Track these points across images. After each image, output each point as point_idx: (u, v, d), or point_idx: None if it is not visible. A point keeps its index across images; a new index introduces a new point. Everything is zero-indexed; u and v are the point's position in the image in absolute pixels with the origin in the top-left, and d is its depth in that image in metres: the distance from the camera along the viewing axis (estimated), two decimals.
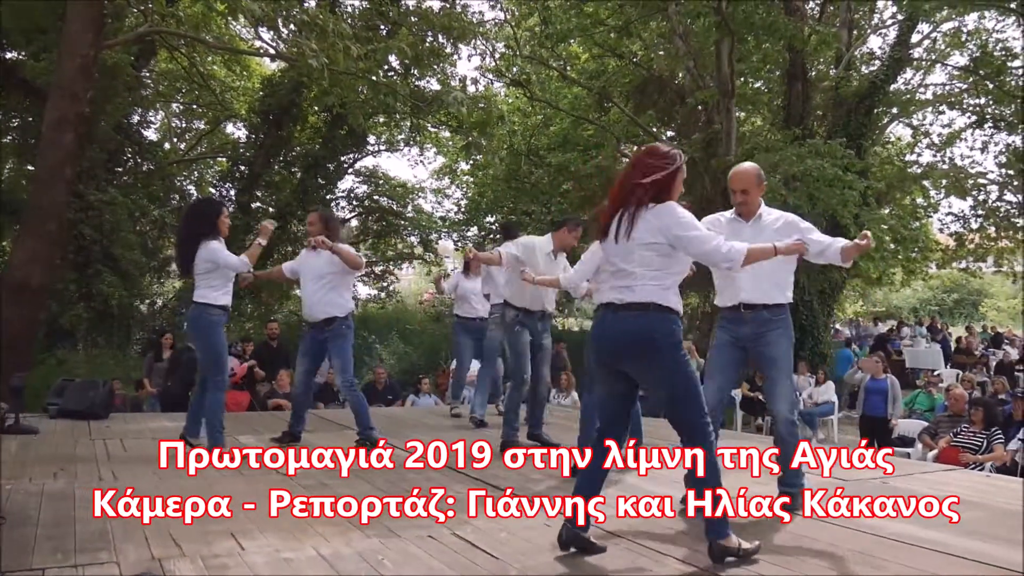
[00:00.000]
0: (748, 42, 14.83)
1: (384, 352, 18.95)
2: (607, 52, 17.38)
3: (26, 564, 2.97)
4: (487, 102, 13.97)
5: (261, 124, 17.76)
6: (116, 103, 13.78)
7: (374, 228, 22.21)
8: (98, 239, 13.28)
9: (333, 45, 9.47)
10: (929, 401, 10.99)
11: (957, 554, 3.29)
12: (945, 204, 21.04)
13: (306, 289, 5.76)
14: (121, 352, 13.95)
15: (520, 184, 19.33)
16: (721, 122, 15.42)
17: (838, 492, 3.84)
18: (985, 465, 7.12)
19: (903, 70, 17.88)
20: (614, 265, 3.24)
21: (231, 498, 3.52)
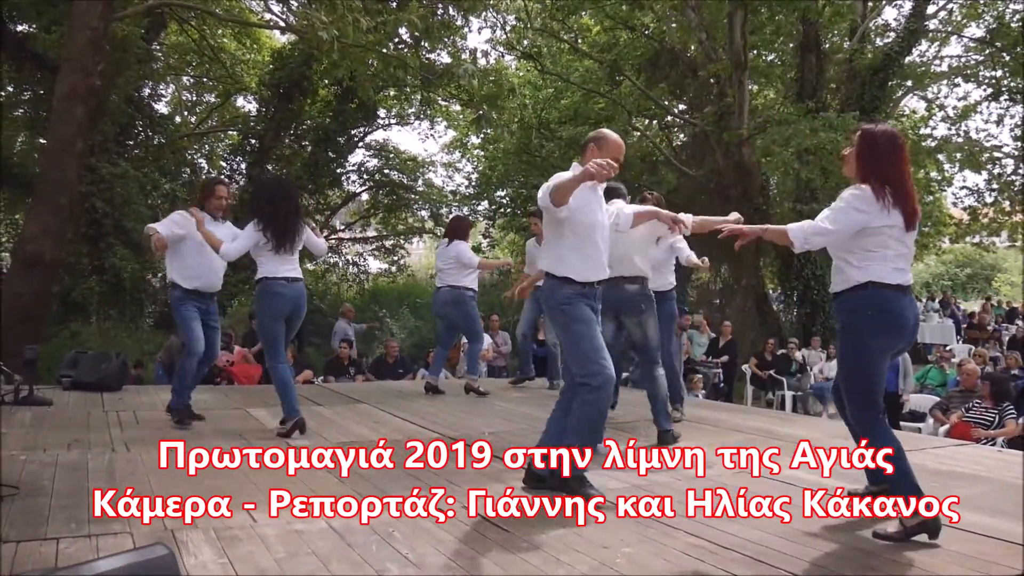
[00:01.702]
0: (761, 13, 14.68)
1: (395, 326, 19.02)
2: (618, 24, 17.20)
3: (40, 533, 3.00)
4: (498, 75, 13.88)
5: (271, 97, 17.72)
6: (127, 76, 13.75)
7: (384, 202, 22.21)
8: (110, 212, 13.31)
9: (343, 17, 9.42)
10: (941, 376, 10.96)
11: (968, 529, 3.30)
12: (959, 178, 20.90)
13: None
14: (134, 325, 14.03)
15: (531, 158, 19.26)
16: (734, 95, 15.31)
17: (838, 492, 3.83)
18: (997, 440, 7.11)
19: (918, 42, 17.66)
20: (905, 246, 3.28)
21: (231, 498, 3.55)
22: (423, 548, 3.00)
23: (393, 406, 6.69)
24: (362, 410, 6.59)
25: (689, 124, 18.77)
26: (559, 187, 3.58)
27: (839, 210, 3.18)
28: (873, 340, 3.20)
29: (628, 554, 2.99)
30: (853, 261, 3.22)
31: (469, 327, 7.65)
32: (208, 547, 2.92)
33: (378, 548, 2.98)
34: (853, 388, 3.28)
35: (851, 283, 3.23)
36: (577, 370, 3.78)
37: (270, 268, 5.24)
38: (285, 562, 2.81)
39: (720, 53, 15.97)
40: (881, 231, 3.17)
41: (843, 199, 3.21)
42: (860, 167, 3.26)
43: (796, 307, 16.79)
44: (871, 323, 3.19)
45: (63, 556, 2.79)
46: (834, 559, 2.98)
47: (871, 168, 3.22)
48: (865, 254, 3.19)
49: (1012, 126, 18.86)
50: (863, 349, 3.21)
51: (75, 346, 9.70)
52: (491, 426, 5.81)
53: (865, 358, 3.21)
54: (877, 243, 3.18)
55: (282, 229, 5.20)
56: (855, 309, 3.23)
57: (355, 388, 8.63)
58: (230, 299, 15.47)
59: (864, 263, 3.20)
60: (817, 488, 3.96)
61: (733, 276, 18.23)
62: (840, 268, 3.30)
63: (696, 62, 17.29)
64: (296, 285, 5.32)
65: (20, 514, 3.24)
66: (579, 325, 3.75)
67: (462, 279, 7.39)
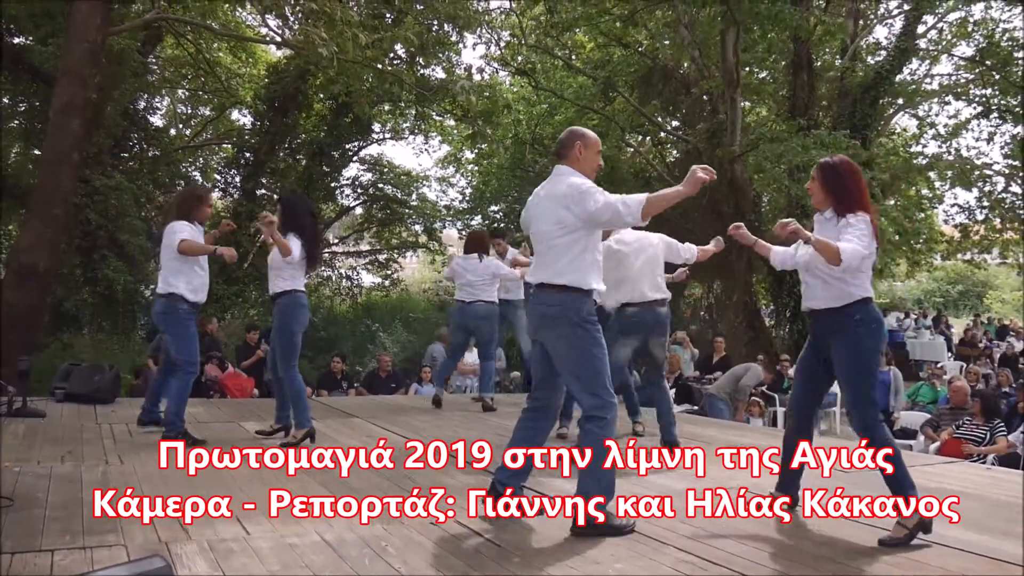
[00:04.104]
0: (754, 32, 14.79)
1: (387, 340, 19.01)
2: (612, 41, 17.32)
3: (35, 545, 3.02)
4: (493, 90, 13.96)
5: (266, 111, 17.78)
6: (123, 89, 13.81)
7: (378, 216, 22.24)
8: (104, 224, 13.31)
9: (341, 33, 9.48)
10: (932, 393, 11.00)
11: (955, 546, 3.32)
12: (950, 195, 21.06)
13: None
14: (126, 337, 14.00)
15: (524, 173, 19.34)
16: (726, 112, 15.42)
17: (838, 492, 3.87)
18: (987, 457, 7.15)
19: (909, 60, 17.79)
20: None
21: (230, 498, 3.57)
22: (416, 562, 3.02)
23: (387, 420, 6.70)
24: (355, 424, 6.61)
25: (682, 141, 18.88)
26: (660, 201, 3.41)
27: (864, 233, 3.39)
28: (880, 346, 3.54)
29: (620, 569, 3.01)
30: (849, 278, 3.45)
31: (491, 343, 7.70)
32: (202, 559, 2.94)
33: (371, 562, 3.00)
34: (861, 391, 3.49)
35: (853, 298, 3.48)
36: (589, 401, 3.51)
37: (299, 281, 5.42)
38: (279, 575, 2.83)
39: (713, 71, 16.09)
40: (873, 253, 3.46)
41: (858, 225, 3.41)
42: (836, 197, 3.55)
43: (788, 323, 16.85)
44: (876, 332, 3.50)
45: (58, 568, 2.80)
46: (833, 551, 3.04)
47: (850, 196, 3.50)
48: (859, 273, 3.45)
49: (1002, 144, 19.02)
50: (874, 355, 3.50)
51: (67, 358, 9.70)
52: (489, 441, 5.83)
53: (875, 363, 3.53)
54: (869, 263, 3.46)
55: (315, 244, 5.43)
56: (864, 321, 3.47)
57: (348, 402, 8.64)
58: (223, 312, 15.46)
59: (859, 280, 3.49)
60: (817, 488, 4.00)
61: (725, 292, 18.30)
62: (830, 284, 3.51)
63: (689, 79, 17.42)
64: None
65: (15, 526, 3.25)
66: (600, 350, 3.53)
67: (495, 294, 7.51)
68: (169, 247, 5.37)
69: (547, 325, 3.59)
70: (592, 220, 3.49)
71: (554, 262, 3.57)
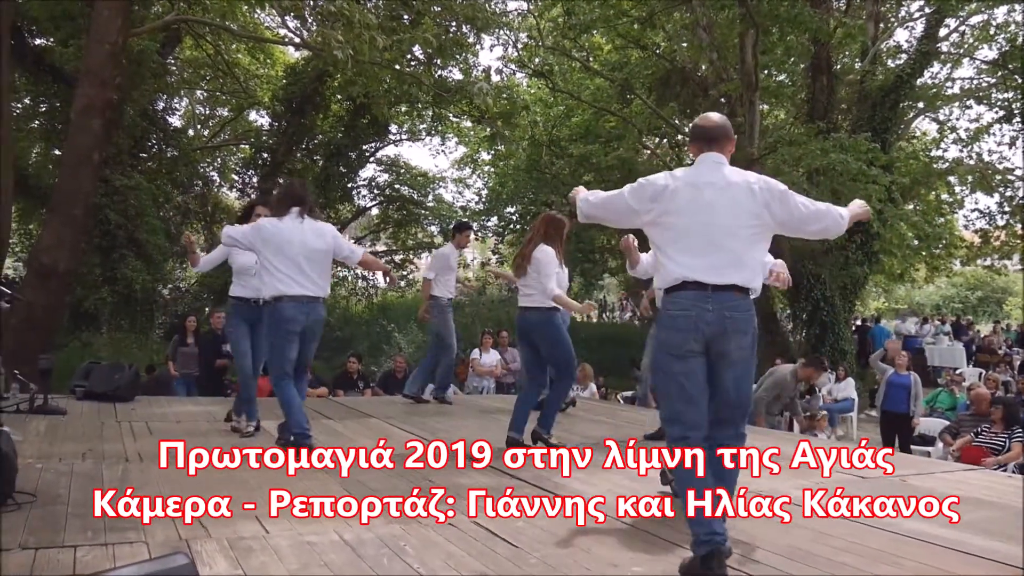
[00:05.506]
0: (772, 34, 14.72)
1: (402, 340, 19.03)
2: (630, 43, 17.30)
3: (58, 541, 3.04)
4: (510, 92, 13.97)
5: (284, 112, 17.89)
6: (142, 90, 13.94)
7: (395, 217, 22.33)
8: (123, 224, 13.43)
9: (359, 36, 9.51)
10: (951, 400, 10.91)
11: (972, 552, 3.29)
12: (971, 200, 20.92)
13: None
14: (144, 336, 14.12)
15: (541, 175, 19.36)
16: (744, 115, 15.33)
17: (838, 492, 3.85)
18: (1008, 465, 7.07)
19: (930, 64, 17.71)
20: None
21: (231, 498, 3.58)
22: (433, 562, 3.02)
23: (402, 420, 6.72)
24: (372, 424, 6.62)
25: None
26: None
27: None
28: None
29: (638, 572, 3.01)
30: None
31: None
32: (222, 558, 2.95)
33: (389, 562, 3.01)
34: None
35: None
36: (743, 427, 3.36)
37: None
38: (298, 574, 2.84)
39: (731, 73, 16.03)
40: None
41: None
42: None
43: (805, 328, 16.76)
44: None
45: (80, 564, 2.82)
46: (847, 555, 3.04)
47: None
48: None
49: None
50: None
51: (86, 356, 9.77)
52: (500, 442, 5.82)
53: None
54: None
55: None
56: None
57: (364, 402, 8.66)
58: None
59: None
60: (817, 488, 3.97)
61: None
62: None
63: (707, 82, 17.36)
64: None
65: (37, 521, 3.28)
66: None
67: None
68: None
69: (739, 331, 3.03)
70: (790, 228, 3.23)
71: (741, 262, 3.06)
